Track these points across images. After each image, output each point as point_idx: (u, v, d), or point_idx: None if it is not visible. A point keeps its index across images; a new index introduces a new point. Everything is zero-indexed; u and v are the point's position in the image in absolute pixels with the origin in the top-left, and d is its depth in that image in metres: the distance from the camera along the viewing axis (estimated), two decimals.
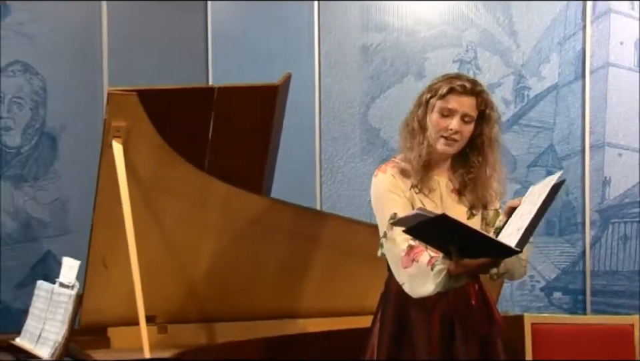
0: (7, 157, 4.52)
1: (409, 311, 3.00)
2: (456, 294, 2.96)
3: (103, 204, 3.38)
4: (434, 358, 2.95)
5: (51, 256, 4.52)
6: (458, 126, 2.96)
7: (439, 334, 2.96)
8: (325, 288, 3.83)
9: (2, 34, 4.52)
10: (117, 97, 3.32)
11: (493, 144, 3.05)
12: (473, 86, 3.02)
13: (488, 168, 3.04)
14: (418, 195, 2.99)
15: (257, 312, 3.80)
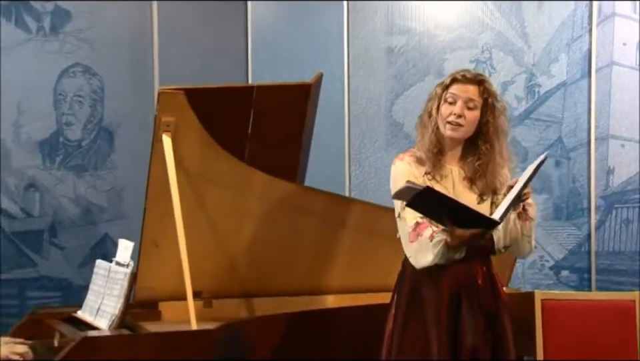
0: (69, 149, 4.56)
1: (422, 288, 3.01)
2: (464, 274, 2.98)
3: (154, 191, 3.41)
4: (442, 327, 2.95)
5: (108, 238, 4.55)
6: (460, 111, 2.97)
7: (447, 307, 2.96)
8: (352, 267, 3.85)
9: (64, 39, 4.55)
10: (167, 95, 3.35)
11: (499, 132, 3.05)
12: (475, 76, 3.04)
13: (495, 156, 3.03)
14: (431, 181, 2.99)
15: (291, 289, 3.82)
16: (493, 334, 3.01)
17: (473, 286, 2.99)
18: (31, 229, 4.42)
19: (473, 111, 3.00)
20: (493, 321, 3.01)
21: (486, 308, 3.00)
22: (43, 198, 4.46)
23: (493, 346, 3.01)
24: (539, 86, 4.70)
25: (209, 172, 3.51)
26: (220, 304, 3.68)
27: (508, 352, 3.04)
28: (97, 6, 4.66)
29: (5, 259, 4.32)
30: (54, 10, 4.54)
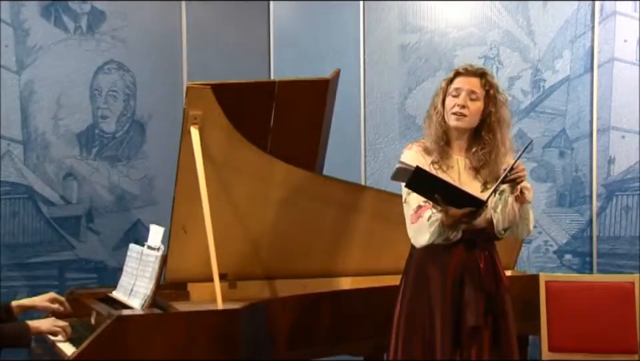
0: (104, 141, 4.57)
1: (428, 271, 3.03)
2: (467, 259, 2.99)
3: (183, 180, 3.42)
4: (446, 307, 2.96)
5: (140, 224, 4.57)
6: (464, 102, 2.99)
7: (451, 289, 2.97)
8: (367, 250, 3.85)
9: (99, 38, 4.56)
10: (194, 90, 3.36)
11: (501, 122, 3.05)
12: (477, 69, 3.06)
13: (499, 144, 3.03)
14: (437, 170, 3.00)
15: (310, 271, 3.82)
16: (494, 314, 3.02)
17: (475, 270, 3.00)
18: (70, 215, 4.45)
19: (476, 102, 3.01)
20: (494, 302, 3.02)
21: (487, 290, 3.01)
22: (81, 186, 4.48)
23: (494, 324, 3.02)
24: (544, 81, 4.68)
25: (234, 162, 3.51)
26: (244, 285, 3.70)
27: (509, 329, 3.05)
28: (129, 7, 4.67)
29: (45, 243, 4.35)
30: (90, 11, 4.55)
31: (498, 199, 2.98)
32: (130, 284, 3.45)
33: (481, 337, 2.99)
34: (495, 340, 3.01)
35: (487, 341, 3.00)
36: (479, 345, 2.99)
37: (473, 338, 2.98)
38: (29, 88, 4.34)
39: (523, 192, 2.94)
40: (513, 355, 3.06)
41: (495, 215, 3.00)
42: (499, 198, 2.97)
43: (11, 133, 4.29)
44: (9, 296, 4.11)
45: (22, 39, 4.33)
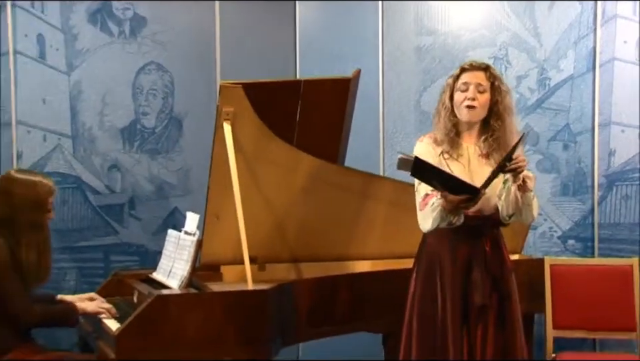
0: (144, 135, 4.59)
1: (439, 254, 3.03)
2: (475, 243, 2.99)
3: (216, 171, 3.43)
4: (455, 288, 2.97)
5: (178, 211, 4.57)
6: (473, 94, 2.99)
7: (460, 270, 2.97)
8: (386, 236, 3.84)
9: (141, 41, 4.57)
10: (227, 89, 3.36)
11: (508, 109, 3.04)
12: (481, 64, 3.05)
13: (506, 130, 3.02)
14: (447, 160, 3.01)
15: (333, 255, 3.82)
16: (499, 294, 3.01)
17: (482, 254, 3.00)
18: (114, 203, 4.47)
19: (484, 94, 3.01)
20: (499, 283, 3.01)
21: (492, 272, 3.00)
22: (124, 176, 4.50)
23: (500, 303, 3.01)
24: (549, 80, 4.64)
25: (263, 154, 3.52)
26: (272, 268, 3.71)
27: (513, 307, 3.04)
28: (168, 13, 4.68)
29: (92, 228, 4.37)
30: (133, 17, 4.56)
31: (502, 188, 2.97)
32: (168, 266, 3.47)
33: (487, 315, 2.98)
34: (499, 319, 3.01)
35: (492, 319, 2.99)
36: (485, 323, 2.99)
37: (480, 316, 2.98)
38: (77, 87, 4.36)
39: (525, 181, 2.92)
40: (516, 332, 3.05)
41: (499, 202, 2.99)
42: (503, 187, 2.96)
43: (62, 128, 4.32)
44: (59, 276, 4.15)
45: (71, 43, 4.35)
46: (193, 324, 3.00)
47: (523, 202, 2.95)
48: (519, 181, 2.90)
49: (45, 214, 3.20)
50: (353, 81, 3.82)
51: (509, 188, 2.93)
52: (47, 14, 4.25)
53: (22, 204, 3.13)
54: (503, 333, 3.00)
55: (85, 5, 4.39)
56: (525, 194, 2.93)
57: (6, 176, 3.25)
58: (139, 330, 2.93)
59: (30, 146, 4.16)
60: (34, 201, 3.15)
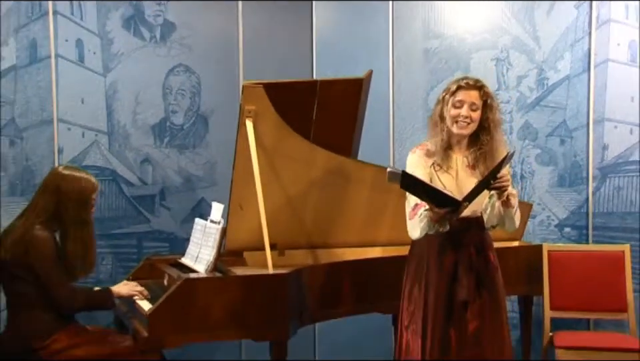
0: (173, 131, 4.58)
1: (427, 253, 3.02)
2: (460, 243, 2.97)
3: (240, 164, 3.43)
4: (441, 285, 2.96)
5: (204, 201, 4.57)
6: (467, 113, 2.98)
7: (447, 271, 2.96)
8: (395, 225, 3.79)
9: (170, 45, 4.57)
10: (249, 89, 3.36)
11: (497, 125, 3.03)
12: (475, 82, 3.02)
13: (495, 144, 3.01)
14: (438, 171, 3.00)
15: (347, 242, 3.81)
16: (485, 290, 2.99)
17: (467, 252, 2.99)
18: (146, 194, 4.47)
19: (476, 112, 3.00)
20: (484, 280, 3.00)
21: (477, 270, 2.99)
22: (155, 170, 4.50)
23: (486, 299, 3.00)
24: (547, 79, 4.61)
25: (282, 149, 3.51)
26: (291, 254, 3.71)
27: (498, 303, 3.03)
28: (195, 20, 4.67)
29: (126, 217, 4.38)
30: (163, 23, 4.55)
31: (487, 202, 2.98)
32: (196, 251, 3.48)
33: (471, 310, 2.97)
34: (484, 313, 2.99)
35: (476, 313, 2.97)
36: (470, 317, 2.97)
37: (463, 310, 2.97)
38: (112, 87, 4.37)
39: (509, 198, 2.92)
40: (502, 325, 3.04)
41: (484, 215, 3.00)
42: (489, 202, 2.98)
43: (99, 125, 4.32)
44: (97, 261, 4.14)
45: (107, 47, 4.35)
46: (218, 305, 3.01)
47: (506, 215, 2.97)
48: (504, 198, 2.91)
49: (89, 209, 3.20)
50: (366, 81, 3.80)
51: (494, 203, 2.96)
52: (85, 21, 4.25)
53: (68, 199, 3.15)
54: (489, 326, 2.99)
55: (119, 12, 4.39)
56: (507, 209, 2.95)
57: (54, 172, 3.27)
58: (168, 310, 2.94)
59: (70, 142, 4.17)
60: (79, 197, 3.17)
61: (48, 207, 3.14)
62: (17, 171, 3.95)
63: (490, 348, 2.97)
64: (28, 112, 4.01)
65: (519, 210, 3.01)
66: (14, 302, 3.15)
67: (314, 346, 5.27)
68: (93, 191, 3.21)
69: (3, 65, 3.91)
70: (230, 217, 3.50)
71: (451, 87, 3.02)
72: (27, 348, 3.05)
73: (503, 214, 2.95)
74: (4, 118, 3.92)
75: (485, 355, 2.95)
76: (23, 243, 3.06)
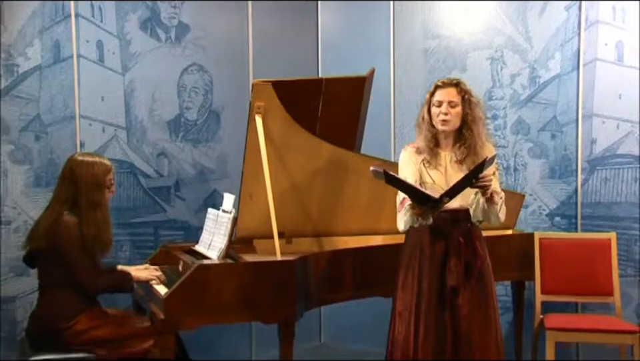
0: (187, 127, 4.58)
1: (420, 242, 3.03)
2: (450, 234, 2.98)
3: (250, 157, 3.42)
4: (433, 272, 2.97)
5: (217, 192, 4.58)
6: (446, 110, 2.99)
7: (438, 259, 2.97)
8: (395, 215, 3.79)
9: (185, 46, 4.57)
10: (258, 86, 3.35)
11: (477, 121, 3.04)
12: (451, 80, 3.03)
13: (475, 139, 3.01)
14: (427, 167, 3.02)
15: (350, 230, 3.81)
16: (474, 278, 2.99)
17: (457, 245, 2.99)
18: (162, 185, 4.47)
19: (455, 108, 3.01)
20: (472, 268, 3.00)
21: (465, 259, 2.99)
22: (170, 162, 4.50)
23: (474, 285, 3.00)
24: (539, 77, 4.58)
25: (289, 142, 3.50)
26: (297, 241, 3.70)
27: (486, 290, 3.03)
28: (208, 22, 4.67)
29: (143, 207, 4.38)
30: (178, 25, 4.55)
31: (473, 198, 2.99)
32: (209, 239, 3.48)
33: (461, 296, 2.97)
34: (474, 299, 2.99)
35: (466, 299, 2.98)
36: (460, 302, 2.97)
37: (454, 297, 2.97)
38: (130, 86, 4.36)
39: (492, 195, 2.93)
40: (489, 310, 3.03)
41: (470, 209, 3.02)
42: (474, 198, 2.98)
43: (118, 121, 4.32)
44: (116, 248, 4.17)
45: (125, 48, 4.34)
46: (229, 289, 3.00)
47: (490, 212, 2.98)
48: (487, 195, 2.91)
49: (103, 191, 3.20)
50: (368, 79, 3.79)
51: (478, 200, 2.97)
52: (105, 23, 4.25)
53: (83, 182, 3.15)
54: (478, 311, 2.99)
55: (137, 14, 4.38)
56: (491, 205, 2.95)
57: (70, 159, 3.27)
58: (183, 294, 2.94)
59: (90, 136, 4.17)
60: (93, 179, 3.17)
61: (68, 194, 3.15)
62: (42, 164, 3.96)
63: (480, 334, 2.97)
64: (52, 109, 4.01)
65: (504, 207, 3.03)
66: (44, 284, 3.18)
67: (320, 328, 5.28)
68: (107, 172, 3.21)
69: (29, 65, 3.91)
70: (240, 207, 3.50)
71: (431, 89, 3.05)
72: (54, 327, 3.07)
73: (487, 210, 2.96)
74: (30, 114, 3.92)
75: (474, 341, 2.95)
76: (52, 230, 3.09)
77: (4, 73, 3.81)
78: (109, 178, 3.22)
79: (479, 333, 2.97)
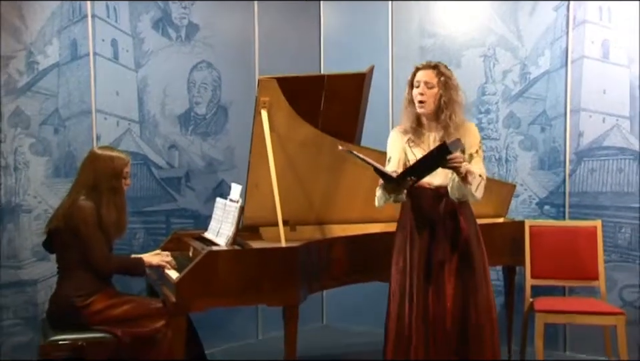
0: (197, 121, 4.58)
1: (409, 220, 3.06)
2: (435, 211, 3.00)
3: (256, 149, 3.41)
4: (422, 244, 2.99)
5: (224, 183, 4.58)
6: (423, 90, 2.97)
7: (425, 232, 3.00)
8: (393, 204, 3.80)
9: (194, 44, 4.55)
10: (264, 82, 3.34)
11: (452, 102, 2.96)
12: (430, 63, 3.01)
13: (448, 120, 2.96)
14: (412, 147, 3.02)
15: (351, 218, 3.80)
16: (458, 249, 2.98)
17: (441, 220, 3.00)
18: (173, 176, 4.46)
19: (432, 89, 2.98)
20: (456, 243, 2.98)
21: (450, 234, 2.99)
22: (181, 154, 4.50)
23: (459, 257, 2.98)
24: (530, 74, 4.57)
25: (293, 136, 3.49)
26: (301, 229, 3.69)
27: (472, 259, 3.00)
28: (216, 21, 4.66)
29: (156, 197, 4.38)
30: (188, 24, 4.53)
31: (450, 177, 2.95)
32: (217, 227, 3.48)
33: (447, 268, 2.97)
34: (459, 270, 2.97)
35: (453, 270, 2.96)
36: (446, 273, 2.97)
37: (441, 269, 2.97)
38: (143, 82, 4.35)
39: (466, 175, 2.87)
40: (478, 279, 3.00)
41: (448, 188, 2.98)
42: (451, 177, 2.94)
43: (131, 115, 4.31)
44: (130, 235, 4.17)
45: (138, 46, 4.33)
46: (236, 274, 3.00)
47: (466, 191, 2.93)
48: (461, 175, 2.87)
49: (121, 181, 3.25)
50: (368, 75, 3.77)
51: (454, 180, 2.93)
52: (120, 23, 4.23)
53: (103, 173, 3.20)
54: (462, 280, 2.97)
55: (149, 15, 4.36)
56: (465, 185, 2.90)
57: (91, 152, 3.34)
58: (194, 279, 2.94)
59: (106, 130, 4.16)
60: (112, 171, 3.22)
61: (87, 182, 3.20)
62: (60, 156, 3.95)
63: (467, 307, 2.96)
64: (70, 104, 4.01)
65: (482, 186, 2.95)
66: (62, 266, 3.21)
67: (322, 311, 5.30)
68: (124, 165, 3.27)
69: (48, 62, 3.91)
70: (247, 196, 3.49)
71: (413, 71, 3.03)
72: (72, 306, 3.09)
73: (462, 189, 2.92)
74: (49, 109, 3.92)
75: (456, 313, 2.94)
76: (70, 212, 3.14)
77: (25, 70, 3.81)
78: (126, 171, 3.27)
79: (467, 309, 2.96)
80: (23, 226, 3.79)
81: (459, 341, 2.93)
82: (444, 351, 2.92)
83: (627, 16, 4.26)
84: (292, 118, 3.43)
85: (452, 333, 2.93)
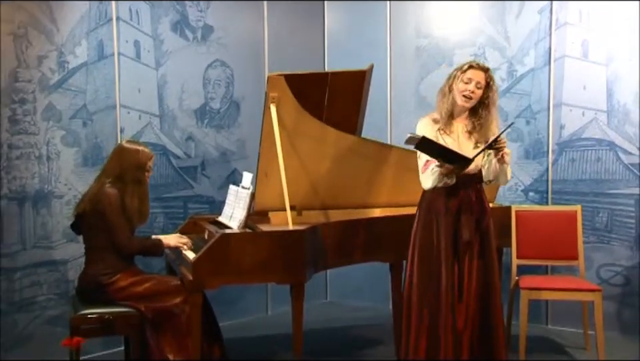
0: (212, 115, 4.55)
1: (435, 203, 2.98)
2: (464, 195, 2.94)
3: (265, 141, 3.37)
4: (448, 228, 2.93)
5: (237, 171, 4.55)
6: (473, 88, 2.92)
7: (452, 214, 2.93)
8: (394, 189, 3.78)
9: (209, 44, 4.52)
10: (273, 79, 3.29)
11: (493, 103, 2.99)
12: (484, 66, 2.98)
13: (490, 117, 2.98)
14: (442, 134, 2.97)
15: (353, 204, 3.77)
16: (481, 232, 2.97)
17: (468, 202, 2.96)
18: (190, 165, 4.44)
19: (480, 90, 2.96)
20: (481, 223, 2.97)
21: (476, 215, 2.96)
22: (197, 145, 4.47)
23: (481, 239, 2.98)
24: (516, 71, 4.52)
25: (300, 128, 3.45)
26: (307, 214, 3.65)
27: (490, 243, 3.01)
28: (230, 23, 4.61)
29: (174, 184, 4.35)
30: (203, 26, 4.49)
31: (486, 159, 2.93)
32: (230, 212, 3.45)
33: (472, 248, 2.95)
34: (481, 252, 2.97)
35: (476, 252, 2.97)
36: (470, 254, 2.96)
37: (466, 249, 2.95)
38: (163, 79, 4.31)
39: (504, 156, 2.88)
40: (493, 261, 3.01)
41: (483, 170, 2.96)
42: (487, 159, 2.93)
43: (152, 110, 4.27)
44: (151, 219, 4.12)
45: (158, 46, 4.29)
46: (248, 254, 2.98)
47: (501, 170, 2.94)
48: (499, 156, 2.88)
49: (145, 173, 3.24)
50: (368, 73, 3.73)
51: (491, 160, 2.92)
52: (142, 25, 4.19)
53: (129, 164, 3.19)
54: (484, 261, 2.97)
55: (169, 18, 4.33)
56: (502, 165, 2.91)
57: (119, 145, 3.32)
58: (209, 259, 2.92)
59: (129, 123, 4.13)
60: (137, 163, 3.21)
61: (114, 171, 3.18)
62: (88, 147, 3.93)
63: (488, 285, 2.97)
64: (96, 100, 3.98)
65: (510, 167, 2.98)
66: (89, 247, 3.20)
67: (326, 288, 5.28)
68: (148, 159, 3.25)
69: (77, 62, 3.89)
70: (257, 184, 3.46)
71: (463, 66, 2.97)
72: (99, 283, 3.08)
73: (497, 170, 2.93)
74: (78, 104, 3.90)
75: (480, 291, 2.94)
76: (96, 197, 3.12)
77: (57, 69, 3.80)
78: (150, 164, 3.26)
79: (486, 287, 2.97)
80: (55, 211, 3.78)
81: (482, 317, 2.94)
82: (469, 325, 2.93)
83: (604, 19, 4.21)
84: (298, 113, 3.39)
85: (475, 310, 2.93)
